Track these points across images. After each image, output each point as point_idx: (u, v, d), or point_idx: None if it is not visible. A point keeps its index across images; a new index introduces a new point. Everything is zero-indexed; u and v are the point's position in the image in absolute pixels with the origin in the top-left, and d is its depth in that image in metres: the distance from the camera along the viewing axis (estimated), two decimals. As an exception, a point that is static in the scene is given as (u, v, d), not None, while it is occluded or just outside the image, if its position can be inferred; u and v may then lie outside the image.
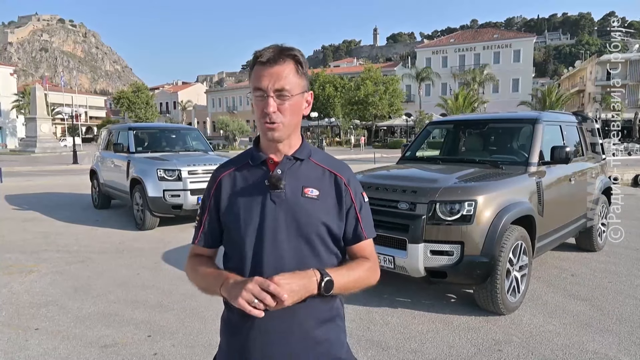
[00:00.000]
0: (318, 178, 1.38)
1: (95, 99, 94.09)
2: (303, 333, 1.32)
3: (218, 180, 1.41)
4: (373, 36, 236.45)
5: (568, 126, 5.83)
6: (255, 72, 1.31)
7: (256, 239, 1.32)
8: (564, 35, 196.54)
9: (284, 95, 1.29)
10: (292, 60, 1.31)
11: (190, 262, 1.47)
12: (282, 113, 1.30)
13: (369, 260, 1.43)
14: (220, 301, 1.40)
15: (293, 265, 1.29)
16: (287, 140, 1.36)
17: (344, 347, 1.42)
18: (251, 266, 1.32)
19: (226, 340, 1.41)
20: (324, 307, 1.35)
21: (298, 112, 1.35)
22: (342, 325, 1.44)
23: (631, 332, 3.78)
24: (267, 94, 1.29)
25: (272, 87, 1.28)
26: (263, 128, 1.32)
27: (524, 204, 4.28)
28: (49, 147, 34.83)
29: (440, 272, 3.91)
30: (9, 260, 6.05)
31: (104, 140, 10.52)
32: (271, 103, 1.28)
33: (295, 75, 1.31)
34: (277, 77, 1.28)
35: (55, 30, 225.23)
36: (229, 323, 1.40)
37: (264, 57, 1.29)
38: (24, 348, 3.58)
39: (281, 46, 1.33)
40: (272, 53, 1.30)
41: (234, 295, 1.22)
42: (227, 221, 1.39)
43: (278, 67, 1.29)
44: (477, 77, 51.45)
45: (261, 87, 1.29)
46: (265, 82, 1.28)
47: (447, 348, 3.54)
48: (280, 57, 1.29)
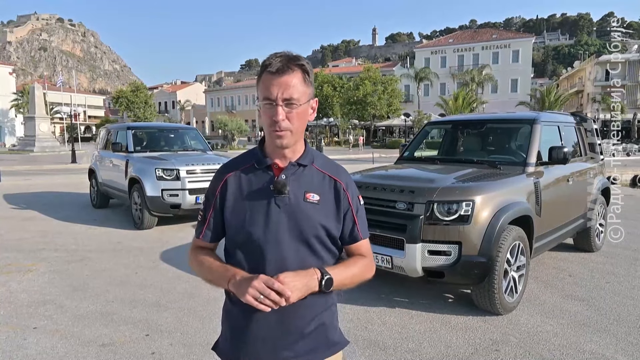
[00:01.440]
0: (319, 183, 1.46)
1: (94, 98, 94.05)
2: (301, 320, 1.42)
3: (224, 179, 1.47)
4: (372, 36, 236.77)
5: (566, 127, 5.84)
6: (264, 82, 1.35)
7: (260, 240, 1.40)
8: (562, 36, 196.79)
9: (292, 104, 1.34)
10: (299, 69, 1.36)
11: (194, 254, 1.55)
12: (290, 121, 1.36)
13: (365, 257, 1.53)
14: (218, 301, 1.43)
15: (294, 265, 1.38)
16: (292, 147, 1.42)
17: (337, 330, 1.54)
18: (254, 265, 1.40)
19: (228, 327, 1.51)
20: (320, 299, 1.44)
21: (304, 119, 1.41)
22: (335, 310, 1.55)
23: (628, 333, 3.79)
24: (276, 102, 1.33)
25: (280, 97, 1.33)
26: (272, 135, 1.38)
27: (522, 204, 4.29)
28: (48, 147, 34.77)
29: (437, 272, 3.91)
30: (7, 259, 6.04)
31: (102, 140, 10.50)
32: (280, 112, 1.34)
33: (303, 85, 1.36)
34: (285, 87, 1.33)
35: (54, 29, 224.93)
36: (231, 312, 1.50)
37: (273, 67, 1.33)
38: (22, 347, 3.58)
39: (289, 55, 1.37)
40: (280, 63, 1.34)
41: (241, 292, 1.31)
42: (232, 221, 1.46)
43: (287, 77, 1.33)
44: (476, 77, 51.44)
45: (270, 97, 1.34)
46: (275, 91, 1.33)
47: (444, 348, 3.55)
48: (289, 67, 1.34)
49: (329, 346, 1.48)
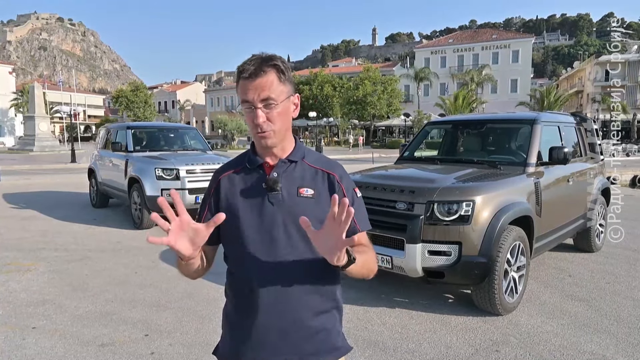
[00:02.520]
0: (312, 178, 1.45)
1: (94, 98, 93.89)
2: (301, 324, 1.40)
3: (218, 181, 1.50)
4: (372, 36, 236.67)
5: (566, 127, 5.84)
6: (241, 87, 1.38)
7: (255, 238, 1.40)
8: (562, 36, 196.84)
9: (270, 105, 1.36)
10: (273, 69, 1.37)
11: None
12: (271, 121, 1.37)
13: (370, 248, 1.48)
14: (218, 301, 1.43)
15: (291, 261, 1.38)
16: (280, 145, 1.43)
17: (340, 335, 1.51)
18: (250, 264, 1.40)
19: (228, 331, 1.50)
20: (320, 299, 1.43)
21: (287, 117, 1.42)
22: (339, 316, 1.52)
23: (628, 333, 3.78)
24: (254, 105, 1.35)
25: (257, 99, 1.35)
26: (256, 137, 1.40)
27: (522, 204, 4.28)
28: (47, 146, 34.75)
29: (438, 272, 3.91)
30: (7, 259, 6.03)
31: (102, 139, 10.49)
32: (260, 114, 1.36)
33: (279, 84, 1.37)
34: (261, 89, 1.35)
35: (54, 29, 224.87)
36: (231, 315, 1.49)
37: (246, 73, 1.36)
38: (21, 347, 3.57)
39: (262, 57, 1.38)
40: (253, 67, 1.35)
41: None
42: (226, 221, 1.41)
43: (260, 79, 1.35)
44: (476, 77, 51.45)
45: (248, 100, 1.36)
46: (251, 95, 1.35)
47: (444, 348, 3.54)
48: (262, 70, 1.35)
49: (330, 351, 1.46)
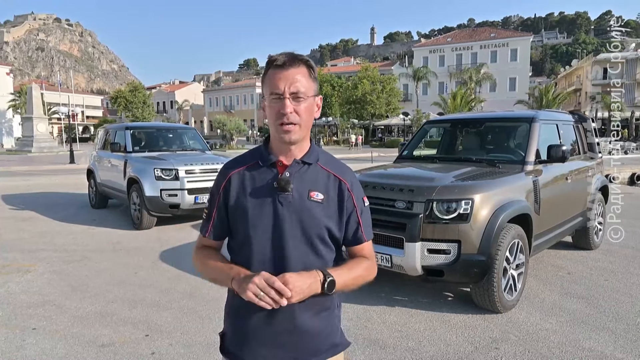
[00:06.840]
0: (323, 182, 1.45)
1: (92, 99, 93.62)
2: (302, 323, 1.42)
3: (228, 177, 1.48)
4: (370, 35, 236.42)
5: (565, 125, 5.85)
6: (271, 76, 1.38)
7: (263, 237, 1.41)
8: (560, 34, 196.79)
9: (299, 97, 1.36)
10: (304, 64, 1.39)
11: (199, 254, 1.54)
12: (298, 114, 1.37)
13: (367, 259, 1.52)
14: (218, 301, 1.44)
15: (296, 263, 1.39)
16: (299, 144, 1.43)
17: (339, 331, 1.54)
18: (257, 263, 1.41)
19: (231, 328, 1.52)
20: (321, 299, 1.42)
21: (311, 115, 1.42)
22: (338, 313, 1.55)
23: (627, 330, 3.80)
24: (283, 96, 1.35)
25: (288, 90, 1.35)
26: (279, 130, 1.39)
27: (521, 202, 4.30)
28: (46, 147, 34.71)
29: (437, 270, 3.92)
30: (6, 260, 6.03)
31: (101, 140, 10.49)
32: (288, 104, 1.35)
33: (309, 79, 1.39)
34: (292, 80, 1.36)
35: (51, 29, 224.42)
36: (233, 313, 1.50)
37: (279, 61, 1.37)
38: (21, 348, 3.57)
39: (293, 53, 1.41)
40: (286, 57, 1.37)
41: (242, 289, 1.31)
42: (235, 218, 1.46)
43: (293, 69, 1.36)
44: (474, 76, 51.45)
45: (277, 90, 1.36)
46: (282, 85, 1.35)
47: (444, 346, 3.56)
48: (295, 62, 1.37)
49: (330, 347, 1.49)
